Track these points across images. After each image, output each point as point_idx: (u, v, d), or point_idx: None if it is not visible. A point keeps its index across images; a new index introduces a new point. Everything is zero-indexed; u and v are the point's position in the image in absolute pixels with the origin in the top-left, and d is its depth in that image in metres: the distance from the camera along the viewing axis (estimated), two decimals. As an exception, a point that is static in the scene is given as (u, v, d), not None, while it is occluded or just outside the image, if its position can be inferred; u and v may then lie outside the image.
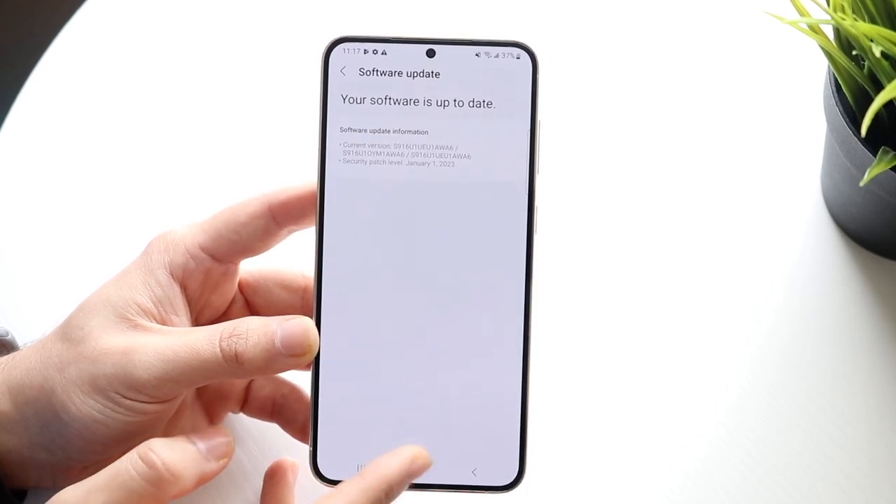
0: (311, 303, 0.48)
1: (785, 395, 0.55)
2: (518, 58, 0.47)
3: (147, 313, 0.48)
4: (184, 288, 0.49)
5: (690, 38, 0.64)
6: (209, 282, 0.50)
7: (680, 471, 0.54)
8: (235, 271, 0.51)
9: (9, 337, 0.53)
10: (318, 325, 0.47)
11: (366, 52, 0.47)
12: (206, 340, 0.46)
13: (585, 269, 0.58)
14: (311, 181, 0.48)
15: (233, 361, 0.46)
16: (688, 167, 0.60)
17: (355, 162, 0.47)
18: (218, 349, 0.46)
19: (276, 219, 0.49)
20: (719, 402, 0.55)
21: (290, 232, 0.50)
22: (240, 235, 0.49)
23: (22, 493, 0.51)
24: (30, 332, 0.54)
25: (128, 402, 0.46)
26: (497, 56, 0.47)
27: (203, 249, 0.49)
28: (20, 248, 0.60)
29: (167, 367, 0.45)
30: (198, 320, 0.50)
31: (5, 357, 0.49)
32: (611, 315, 0.57)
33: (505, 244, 0.47)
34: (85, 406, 0.46)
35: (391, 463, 0.45)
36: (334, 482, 0.47)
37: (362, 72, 0.47)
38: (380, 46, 0.47)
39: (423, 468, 0.46)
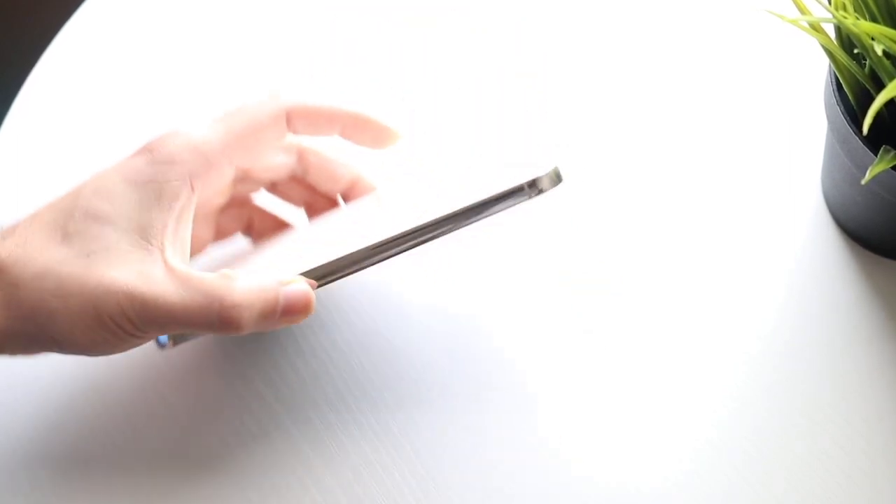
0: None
1: (784, 395, 0.55)
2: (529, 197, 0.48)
3: (160, 234, 0.47)
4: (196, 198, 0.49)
5: (691, 36, 0.64)
6: (219, 189, 0.50)
7: (679, 470, 0.54)
8: (231, 172, 0.51)
9: None
10: None
11: None
12: (207, 304, 0.46)
13: (585, 269, 0.58)
14: (329, 103, 0.50)
15: (230, 328, 0.46)
16: (688, 166, 0.60)
17: None
18: (216, 318, 0.46)
19: (292, 123, 0.49)
20: (718, 402, 0.55)
21: (289, 148, 0.52)
22: (259, 140, 0.49)
23: None
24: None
25: (127, 335, 0.47)
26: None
27: (224, 154, 0.49)
28: (20, 247, 0.60)
29: (161, 318, 0.46)
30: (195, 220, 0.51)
31: None
32: (610, 314, 0.57)
33: None
34: (85, 337, 0.46)
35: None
36: None
37: None
38: None
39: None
